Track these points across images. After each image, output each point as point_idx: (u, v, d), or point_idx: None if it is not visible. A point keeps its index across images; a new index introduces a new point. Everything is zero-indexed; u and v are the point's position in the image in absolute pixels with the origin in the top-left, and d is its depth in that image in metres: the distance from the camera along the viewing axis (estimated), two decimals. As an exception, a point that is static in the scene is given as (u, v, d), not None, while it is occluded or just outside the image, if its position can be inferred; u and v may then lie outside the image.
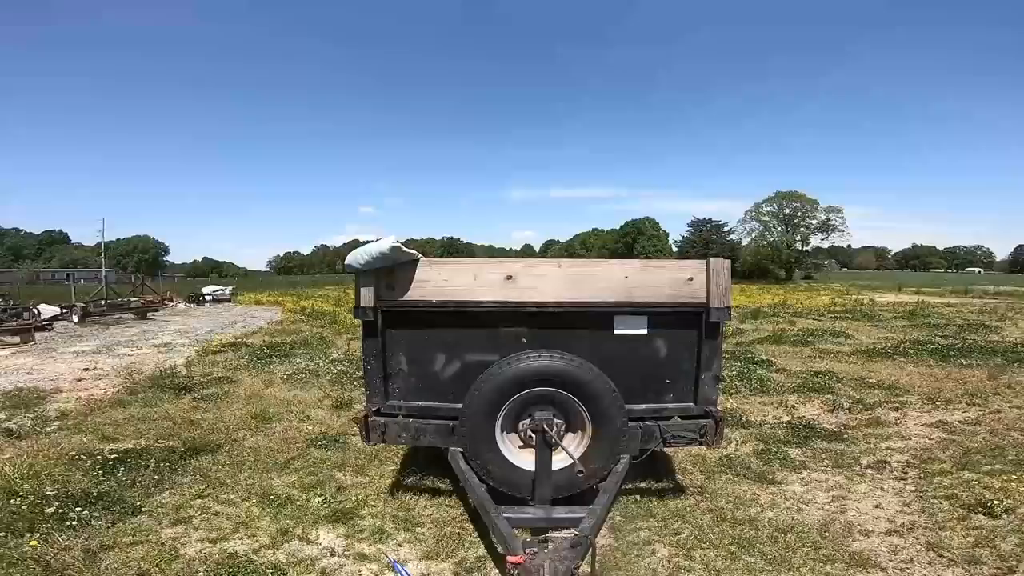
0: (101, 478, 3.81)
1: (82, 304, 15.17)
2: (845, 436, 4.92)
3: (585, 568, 2.49)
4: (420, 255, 3.26)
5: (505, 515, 2.81)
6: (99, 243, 32.01)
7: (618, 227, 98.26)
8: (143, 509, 3.43)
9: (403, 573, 1.98)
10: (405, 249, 3.10)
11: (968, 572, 2.71)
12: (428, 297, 3.23)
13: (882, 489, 3.80)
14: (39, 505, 3.23)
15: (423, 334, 3.36)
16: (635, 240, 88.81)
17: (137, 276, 24.65)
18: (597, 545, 2.51)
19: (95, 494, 3.49)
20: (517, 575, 2.27)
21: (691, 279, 3.20)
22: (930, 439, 4.81)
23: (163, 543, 3.04)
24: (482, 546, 3.10)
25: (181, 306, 22.44)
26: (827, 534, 3.16)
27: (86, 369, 7.85)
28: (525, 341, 3.28)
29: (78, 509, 3.25)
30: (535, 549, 2.42)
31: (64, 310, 14.96)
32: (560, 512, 2.97)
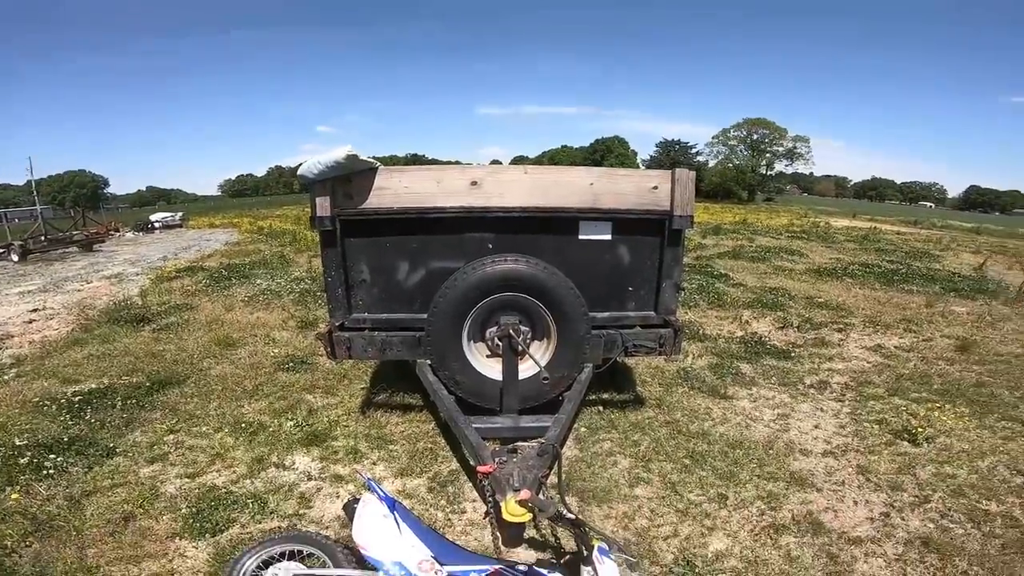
0: (70, 422, 3.74)
1: (19, 242, 14.08)
2: (792, 354, 5.26)
3: (552, 477, 2.66)
4: (378, 163, 3.10)
5: (475, 425, 2.90)
6: (29, 181, 29.17)
7: (587, 144, 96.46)
8: (117, 450, 3.41)
9: (376, 490, 2.07)
10: (361, 156, 2.94)
11: (890, 498, 2.98)
12: (389, 204, 3.11)
13: (821, 410, 4.11)
14: (12, 457, 3.17)
15: (385, 242, 3.26)
16: (604, 158, 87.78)
17: (76, 210, 22.80)
18: (563, 454, 2.64)
19: (66, 439, 3.44)
20: (487, 484, 2.35)
21: (656, 187, 3.20)
22: (868, 362, 5.17)
23: (142, 483, 3.06)
24: (455, 460, 3.26)
25: (129, 235, 21.15)
26: (771, 452, 3.44)
27: (35, 310, 7.42)
28: (491, 247, 3.24)
29: (52, 456, 3.22)
30: (504, 458, 2.50)
31: (0, 250, 13.91)
32: (527, 421, 3.08)
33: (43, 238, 15.65)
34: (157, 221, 24.56)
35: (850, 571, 2.44)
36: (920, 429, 3.62)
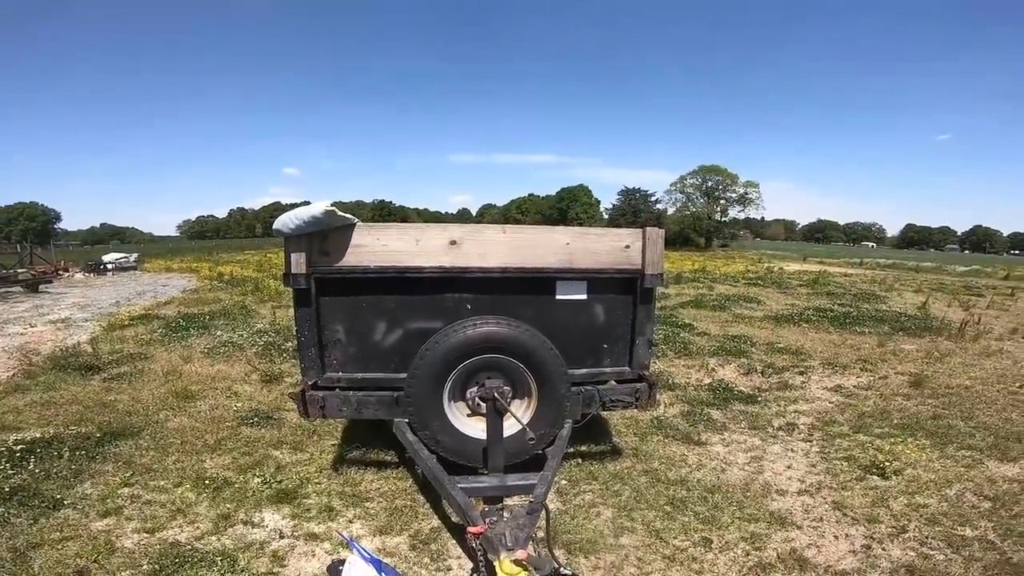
0: (10, 471, 3.46)
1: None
2: (759, 399, 5.42)
3: (539, 533, 2.62)
4: (356, 219, 3.10)
5: (460, 485, 2.84)
6: None
7: (554, 193, 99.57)
8: (65, 502, 3.16)
9: (359, 550, 1.99)
10: (340, 213, 2.94)
11: (869, 531, 3.07)
12: (366, 263, 3.09)
13: (792, 451, 4.22)
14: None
15: (361, 302, 3.22)
16: (569, 207, 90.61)
17: (24, 245, 21.62)
18: (549, 508, 2.62)
19: (7, 489, 3.18)
20: (479, 544, 2.31)
21: (628, 247, 3.31)
22: (830, 402, 5.38)
23: (95, 537, 2.83)
24: (436, 517, 3.15)
25: (79, 276, 20.07)
26: (748, 494, 3.48)
27: (-30, 352, 6.93)
28: (470, 307, 3.25)
29: (-8, 507, 2.95)
30: (495, 518, 2.48)
31: None
32: (514, 480, 3.03)
33: (-15, 276, 14.73)
34: (110, 262, 23.47)
35: (837, 612, 2.46)
36: (887, 463, 3.76)
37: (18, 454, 3.66)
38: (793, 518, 3.20)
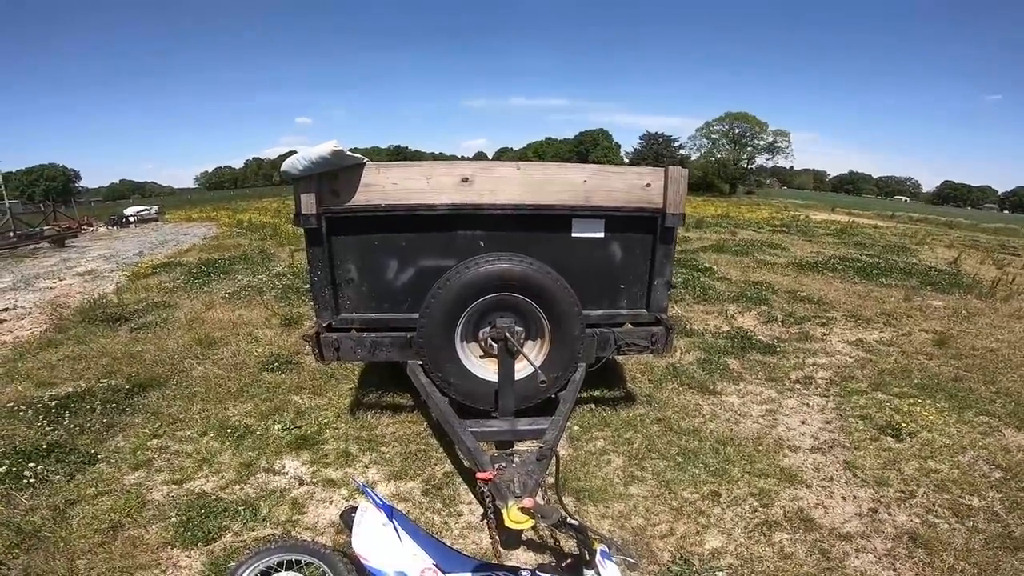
0: (47, 428, 3.61)
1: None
2: (777, 349, 5.34)
3: (549, 479, 2.65)
4: (365, 159, 3.01)
5: (471, 429, 2.86)
6: None
7: (571, 137, 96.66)
8: (99, 456, 3.30)
9: (372, 496, 2.04)
10: (348, 152, 2.85)
11: (877, 494, 3.05)
12: (376, 201, 3.03)
13: (808, 405, 4.17)
14: (-11, 466, 3.04)
15: (373, 240, 3.17)
16: (589, 151, 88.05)
17: (47, 204, 21.98)
18: (559, 455, 2.63)
19: (45, 446, 3.32)
20: (487, 490, 2.33)
21: (648, 185, 3.18)
22: (850, 357, 5.26)
23: (128, 491, 2.97)
24: (448, 462, 3.22)
25: (103, 229, 20.50)
26: (760, 448, 3.48)
27: (5, 309, 7.14)
28: (483, 245, 3.18)
29: (32, 465, 3.11)
30: (504, 464, 2.49)
31: None
32: (524, 424, 3.04)
33: (11, 233, 15.11)
34: (132, 215, 23.92)
35: (842, 567, 2.48)
36: (903, 424, 3.70)
37: (53, 410, 3.82)
38: (803, 476, 3.20)
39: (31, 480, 2.99)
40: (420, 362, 3.19)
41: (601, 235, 3.26)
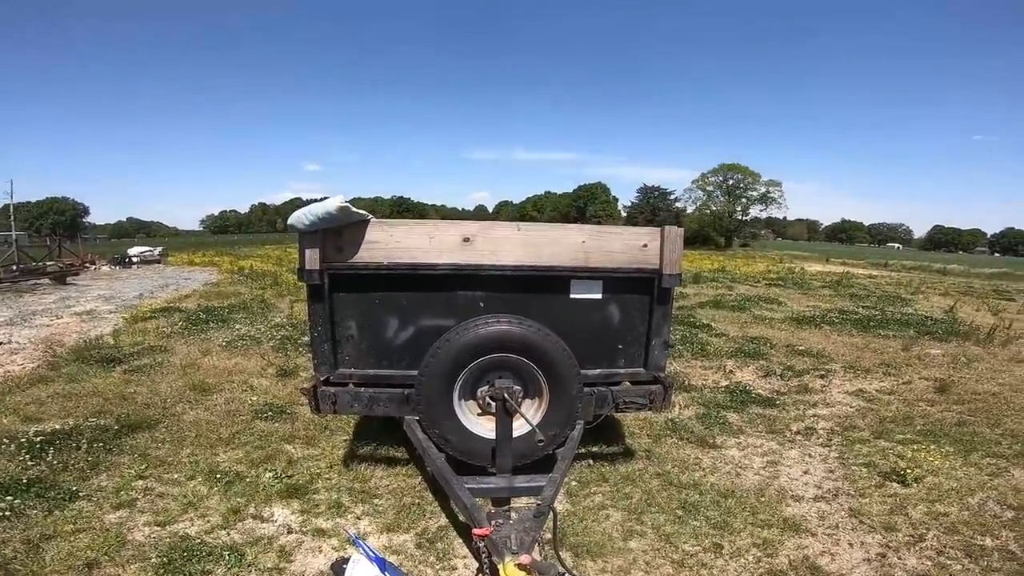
0: (29, 463, 3.53)
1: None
2: (777, 402, 5.30)
3: (546, 535, 2.58)
4: (370, 215, 3.09)
5: (468, 486, 2.82)
6: (7, 205, 28.41)
7: (571, 191, 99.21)
8: (80, 494, 3.22)
9: (364, 548, 1.98)
10: (354, 209, 2.92)
11: (885, 539, 2.98)
12: (379, 259, 3.08)
13: (810, 455, 4.11)
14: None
15: (374, 298, 3.21)
16: (587, 204, 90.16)
17: (53, 238, 22.27)
18: (556, 511, 2.59)
19: (25, 481, 3.25)
20: (483, 546, 2.29)
21: (646, 246, 3.24)
22: (851, 407, 5.23)
23: (107, 529, 2.88)
24: (443, 516, 3.14)
25: (105, 268, 20.65)
26: (763, 499, 3.40)
27: (0, 343, 7.15)
28: (483, 305, 3.21)
29: (9, 498, 3.03)
30: (501, 520, 2.45)
31: None
32: (521, 481, 3.00)
33: (15, 267, 15.17)
34: (135, 255, 24.10)
35: (852, 624, 2.38)
36: (908, 470, 3.65)
37: (38, 445, 3.74)
38: (808, 524, 3.12)
39: (6, 513, 2.91)
40: (417, 418, 3.17)
41: (599, 296, 3.31)
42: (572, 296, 3.27)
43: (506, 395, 2.96)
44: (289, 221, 3.05)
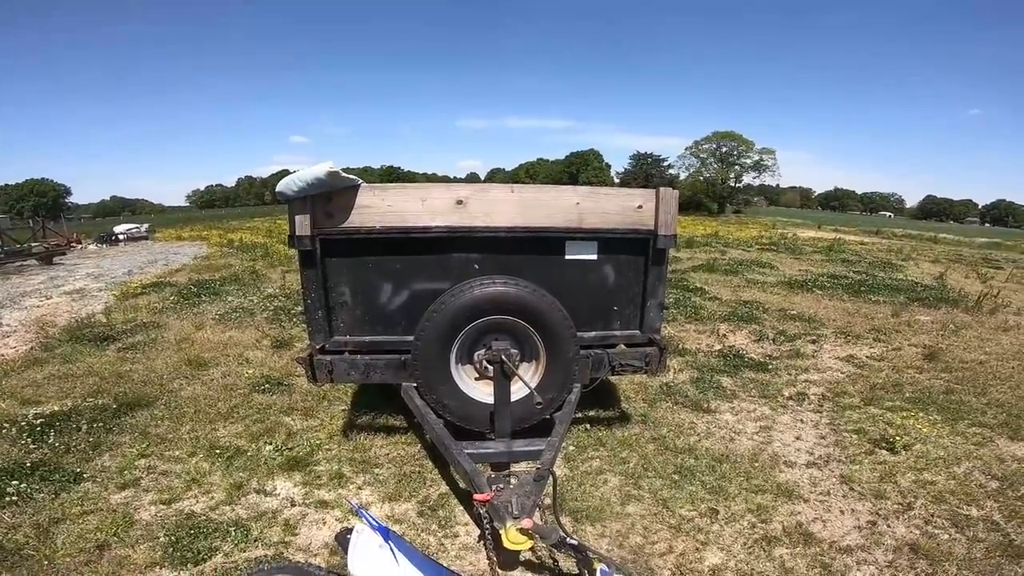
0: (31, 446, 3.53)
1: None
2: (769, 367, 5.37)
3: (546, 499, 2.62)
4: (360, 180, 3.02)
5: (467, 451, 2.83)
6: None
7: (563, 157, 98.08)
8: (85, 475, 3.23)
9: (367, 517, 2.00)
10: (343, 174, 2.86)
11: (875, 506, 3.06)
12: (371, 223, 3.03)
13: (802, 421, 4.18)
14: (-30, 483, 2.97)
15: (367, 262, 3.16)
16: (579, 171, 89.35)
17: (36, 220, 21.81)
18: (556, 475, 2.63)
19: (29, 464, 3.25)
20: (485, 511, 2.31)
21: (640, 206, 3.21)
22: (842, 372, 5.31)
23: (115, 510, 2.90)
24: (444, 483, 3.19)
25: (92, 247, 20.29)
26: (756, 464, 3.48)
27: (-10, 327, 7.05)
28: (477, 268, 3.19)
29: (15, 483, 3.03)
30: (501, 485, 2.46)
31: None
32: (520, 445, 3.01)
33: (0, 251, 14.92)
34: (122, 233, 23.70)
35: (842, 582, 2.47)
36: (897, 437, 3.72)
37: (38, 428, 3.73)
38: (800, 491, 3.19)
39: (14, 498, 2.92)
40: (414, 384, 3.17)
41: (594, 257, 3.28)
42: (567, 257, 3.24)
43: (503, 357, 2.95)
44: (278, 188, 2.98)
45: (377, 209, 3.03)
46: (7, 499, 2.89)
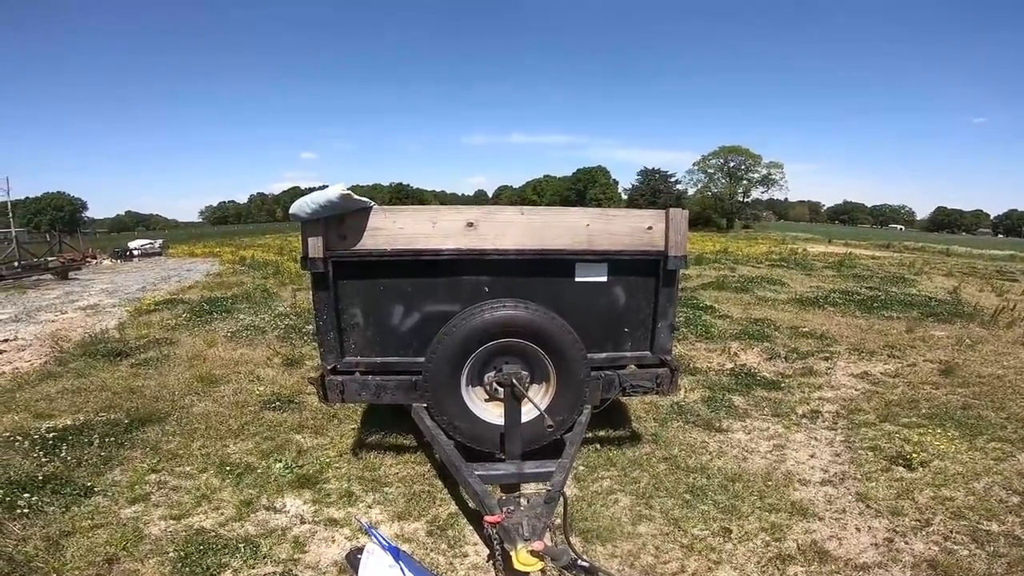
0: (43, 459, 3.56)
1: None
2: (782, 385, 5.31)
3: (556, 520, 2.60)
4: (372, 202, 3.07)
5: (477, 472, 2.82)
6: (4, 202, 28.42)
7: (570, 174, 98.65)
8: (95, 489, 3.25)
9: (377, 537, 2.00)
10: (356, 196, 2.90)
11: (892, 523, 3.00)
12: (383, 246, 3.06)
13: (816, 439, 4.12)
14: (-19, 494, 3.01)
15: (379, 285, 3.19)
16: (587, 187, 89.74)
17: (52, 234, 22.28)
18: (567, 496, 2.60)
19: (40, 477, 3.27)
20: (495, 533, 2.30)
21: (650, 228, 3.22)
22: (856, 390, 5.24)
23: (124, 524, 2.91)
24: (453, 503, 3.17)
25: (107, 262, 20.62)
26: (770, 483, 3.42)
27: (5, 340, 7.15)
28: (487, 290, 3.20)
29: (26, 495, 3.06)
30: (512, 507, 2.45)
31: None
32: (531, 467, 3.00)
33: (16, 264, 15.21)
34: (136, 248, 24.09)
35: (860, 607, 2.42)
36: (914, 454, 3.66)
37: (51, 441, 3.77)
38: (815, 509, 3.14)
39: (25, 510, 2.94)
40: (425, 405, 3.18)
41: (604, 279, 3.29)
42: (577, 279, 3.25)
43: (514, 380, 2.96)
44: (291, 210, 3.03)
45: (388, 231, 3.07)
46: (18, 511, 2.92)
